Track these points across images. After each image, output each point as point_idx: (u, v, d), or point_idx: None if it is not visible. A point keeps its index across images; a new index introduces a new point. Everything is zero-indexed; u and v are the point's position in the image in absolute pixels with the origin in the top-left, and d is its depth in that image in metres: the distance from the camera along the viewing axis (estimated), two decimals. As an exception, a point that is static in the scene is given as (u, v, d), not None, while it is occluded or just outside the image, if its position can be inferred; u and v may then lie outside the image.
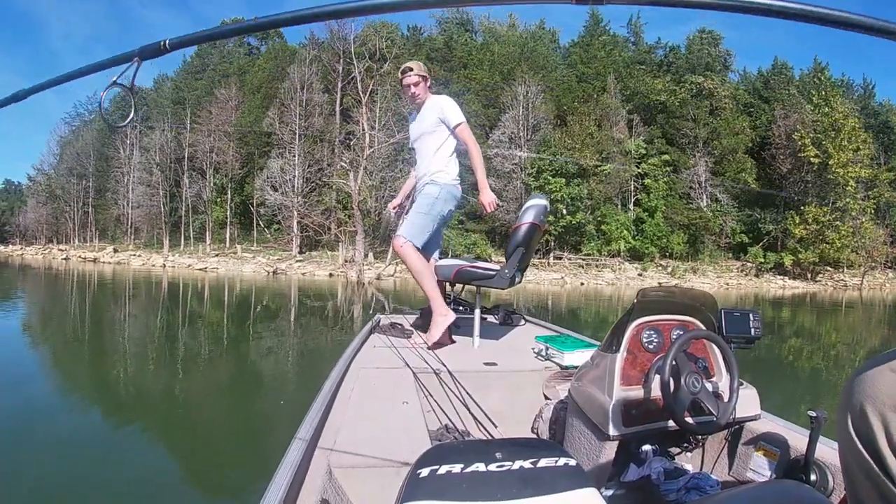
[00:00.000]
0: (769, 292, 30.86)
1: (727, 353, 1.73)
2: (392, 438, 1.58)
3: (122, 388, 5.97)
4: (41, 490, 3.18)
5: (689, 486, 1.68)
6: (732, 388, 1.67)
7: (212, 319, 11.95)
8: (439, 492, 0.81)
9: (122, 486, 3.31)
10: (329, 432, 1.61)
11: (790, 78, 42.74)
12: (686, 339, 1.65)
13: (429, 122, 3.11)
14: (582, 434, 1.74)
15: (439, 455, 0.91)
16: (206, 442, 4.29)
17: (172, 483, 3.49)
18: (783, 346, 10.40)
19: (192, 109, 40.76)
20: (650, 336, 1.78)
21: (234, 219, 40.05)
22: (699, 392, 1.60)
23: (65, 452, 3.75)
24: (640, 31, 43.28)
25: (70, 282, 22.42)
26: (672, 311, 1.86)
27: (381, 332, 3.28)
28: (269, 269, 30.82)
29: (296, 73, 36.95)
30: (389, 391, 2.09)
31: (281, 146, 36.90)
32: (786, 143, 37.61)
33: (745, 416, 1.77)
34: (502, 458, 0.89)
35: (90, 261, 37.88)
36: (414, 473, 0.87)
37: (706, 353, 1.82)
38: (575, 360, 2.43)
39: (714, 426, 1.63)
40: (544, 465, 0.88)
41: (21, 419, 4.39)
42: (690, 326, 1.83)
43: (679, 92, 38.15)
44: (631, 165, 35.34)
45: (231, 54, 46.70)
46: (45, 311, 12.44)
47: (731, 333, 1.83)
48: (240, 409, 5.31)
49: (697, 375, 1.61)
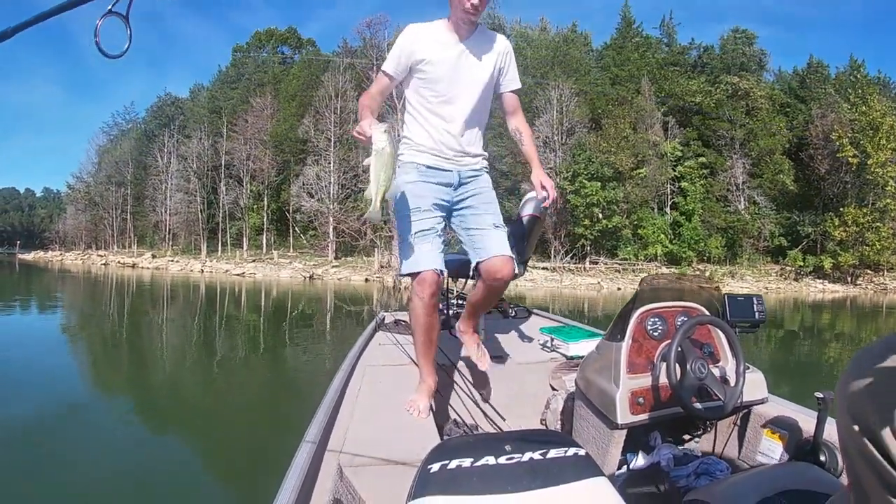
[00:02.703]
0: (808, 296, 30.29)
1: (732, 337, 1.73)
2: (401, 435, 1.58)
3: (155, 388, 6.12)
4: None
5: (698, 472, 1.70)
6: (739, 373, 1.67)
7: (248, 322, 12.18)
8: (450, 486, 0.81)
9: (133, 481, 3.35)
10: (338, 432, 1.60)
11: (826, 76, 41.89)
12: (690, 324, 1.64)
13: (488, 65, 2.06)
14: (590, 423, 1.74)
15: (449, 450, 0.92)
16: (228, 442, 4.31)
17: (196, 480, 3.51)
18: (826, 352, 10.22)
19: (228, 118, 41.44)
20: (654, 323, 1.76)
21: (270, 225, 40.58)
22: (706, 377, 1.59)
23: (86, 445, 3.90)
24: (672, 32, 42.78)
25: (110, 286, 23.00)
26: (675, 297, 1.87)
27: (386, 329, 3.23)
28: (305, 275, 31.10)
29: (330, 81, 37.31)
30: (396, 388, 2.07)
31: (316, 153, 37.32)
32: (823, 144, 36.86)
33: (753, 400, 1.76)
34: (512, 450, 0.90)
35: (129, 266, 38.73)
36: (424, 469, 0.87)
37: (711, 338, 1.81)
38: (580, 350, 2.40)
39: (722, 411, 1.62)
40: (554, 455, 0.88)
41: (55, 414, 4.57)
42: (694, 312, 1.82)
43: (714, 93, 37.64)
44: (667, 168, 35.01)
45: (265, 63, 47.36)
46: (87, 314, 12.77)
47: (736, 318, 1.82)
48: (267, 409, 5.31)
49: (703, 361, 1.61)
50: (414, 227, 1.94)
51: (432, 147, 2.06)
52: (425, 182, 2.04)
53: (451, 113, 2.04)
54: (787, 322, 14.96)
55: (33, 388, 5.37)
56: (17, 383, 5.55)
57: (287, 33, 49.08)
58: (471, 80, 2.04)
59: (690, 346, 1.64)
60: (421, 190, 2.02)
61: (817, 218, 36.06)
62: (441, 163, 2.08)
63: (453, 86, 2.02)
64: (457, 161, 2.10)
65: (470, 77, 2.03)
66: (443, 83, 2.01)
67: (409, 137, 2.11)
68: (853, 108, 35.68)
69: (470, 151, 2.13)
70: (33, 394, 5.16)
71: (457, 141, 2.07)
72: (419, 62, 2.00)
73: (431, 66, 1.99)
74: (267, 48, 48.78)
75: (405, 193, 1.98)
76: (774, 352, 7.80)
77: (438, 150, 2.07)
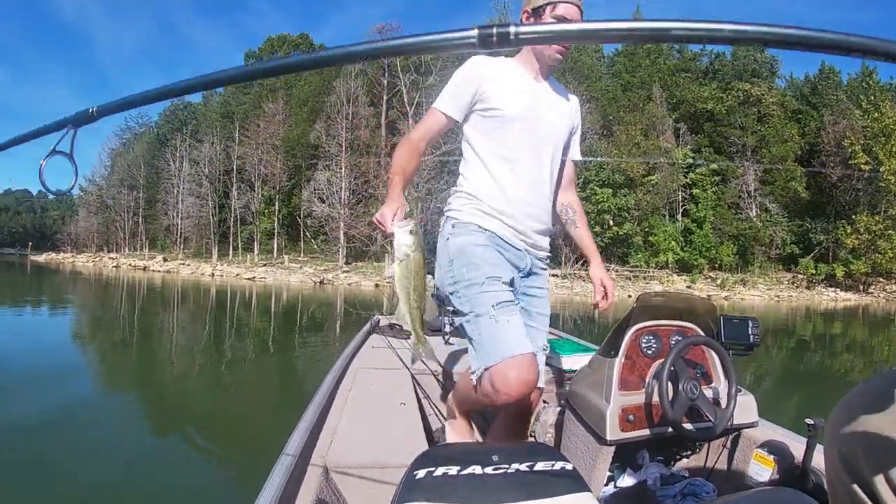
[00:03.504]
0: (821, 305, 30.11)
1: (726, 359, 1.72)
2: (389, 440, 1.56)
3: (160, 388, 6.13)
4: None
5: (685, 492, 1.68)
6: (731, 395, 1.65)
7: (257, 326, 12.18)
8: (435, 494, 0.80)
9: (128, 478, 3.34)
10: (326, 433, 1.59)
11: (838, 83, 41.68)
12: (685, 344, 1.64)
13: (566, 118, 1.73)
14: (579, 438, 1.72)
15: (436, 457, 0.91)
16: (223, 441, 4.26)
17: (187, 478, 3.46)
18: (837, 361, 10.09)
19: (241, 123, 41.78)
20: (649, 341, 1.74)
21: (281, 229, 40.78)
22: (697, 398, 1.58)
23: (90, 443, 3.92)
24: (683, 39, 42.73)
25: (121, 288, 23.13)
26: (671, 316, 1.83)
27: (380, 332, 3.23)
28: (315, 280, 31.19)
29: (341, 86, 37.49)
30: (387, 392, 2.05)
31: (328, 158, 37.49)
32: (836, 151, 36.72)
33: (744, 423, 1.75)
34: (499, 461, 0.89)
35: (140, 269, 38.93)
36: (410, 475, 0.86)
37: (705, 359, 1.79)
38: (573, 364, 2.38)
39: (712, 433, 1.61)
40: (541, 468, 0.88)
41: (65, 414, 4.59)
42: (689, 332, 1.81)
43: (726, 99, 37.56)
44: (678, 175, 34.95)
45: (277, 68, 47.53)
46: (97, 316, 12.78)
47: (730, 340, 1.81)
48: (268, 410, 5.25)
49: (696, 381, 1.60)
50: (492, 296, 1.46)
51: (503, 211, 1.59)
52: (497, 250, 1.58)
53: (528, 171, 1.60)
54: (798, 330, 14.79)
55: (44, 386, 5.40)
56: (30, 381, 5.59)
57: (299, 39, 49.36)
58: (549, 129, 1.64)
59: (684, 366, 1.64)
60: (494, 257, 1.55)
61: (829, 225, 35.90)
62: (513, 237, 1.61)
63: (530, 132, 1.60)
64: (528, 240, 1.65)
65: (549, 126, 1.64)
66: (517, 126, 1.58)
67: (471, 194, 1.61)
68: (865, 115, 35.51)
69: (545, 232, 1.70)
70: (44, 391, 5.21)
71: (531, 213, 1.62)
72: (489, 97, 1.58)
73: (506, 102, 1.58)
74: (279, 54, 49.00)
75: (471, 256, 1.52)
76: (780, 365, 7.70)
77: (512, 219, 1.59)
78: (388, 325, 3.33)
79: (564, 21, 1.48)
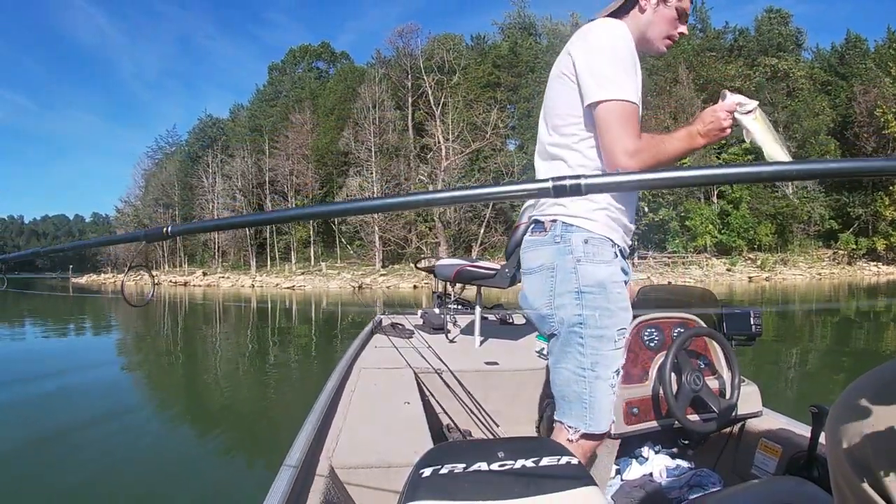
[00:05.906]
0: (863, 280, 29.65)
1: (728, 350, 1.71)
2: (394, 439, 1.56)
3: (204, 394, 6.19)
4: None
5: (691, 484, 1.68)
6: (734, 386, 1.65)
7: (300, 332, 12.31)
8: (441, 491, 0.80)
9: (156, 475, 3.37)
10: (331, 433, 1.59)
11: (865, 51, 40.80)
12: (687, 336, 1.63)
13: None
14: None
15: (441, 455, 0.91)
16: (244, 441, 4.27)
17: (198, 472, 3.48)
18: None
19: (269, 135, 42.47)
20: (651, 334, 1.73)
21: (317, 237, 41.51)
22: (701, 390, 1.58)
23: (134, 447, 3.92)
24: (706, 17, 42.20)
25: (163, 304, 23.50)
26: (672, 307, 1.83)
27: (383, 332, 3.23)
28: (354, 285, 31.61)
29: (366, 92, 37.94)
30: (391, 391, 2.05)
31: (358, 164, 38.03)
32: (868, 121, 36.06)
33: (747, 413, 1.74)
34: (504, 457, 0.88)
35: (181, 285, 39.77)
36: (416, 473, 0.86)
37: (707, 350, 1.78)
38: None
39: (716, 424, 1.61)
40: (547, 463, 0.88)
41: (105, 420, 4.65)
42: (691, 324, 1.79)
43: (753, 76, 37.10)
44: (711, 156, 34.66)
45: (302, 79, 48.30)
46: (142, 332, 12.74)
47: (732, 331, 1.81)
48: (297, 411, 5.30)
49: (699, 373, 1.60)
50: (618, 360, 1.32)
51: (625, 224, 1.35)
52: (625, 280, 1.34)
53: None
54: (843, 311, 14.31)
55: (92, 398, 5.57)
56: (79, 395, 5.75)
57: (320, 48, 49.92)
58: None
59: (686, 358, 1.63)
60: (625, 296, 1.32)
61: (867, 198, 35.27)
62: (626, 249, 1.38)
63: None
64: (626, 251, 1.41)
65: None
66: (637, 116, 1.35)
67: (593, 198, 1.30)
68: (895, 82, 34.79)
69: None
70: (91, 402, 5.36)
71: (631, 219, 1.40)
72: None
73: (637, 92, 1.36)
74: (302, 64, 49.79)
75: (609, 298, 1.27)
76: (784, 353, 7.45)
77: (628, 231, 1.38)
78: (390, 325, 3.33)
79: (685, 14, 1.36)
